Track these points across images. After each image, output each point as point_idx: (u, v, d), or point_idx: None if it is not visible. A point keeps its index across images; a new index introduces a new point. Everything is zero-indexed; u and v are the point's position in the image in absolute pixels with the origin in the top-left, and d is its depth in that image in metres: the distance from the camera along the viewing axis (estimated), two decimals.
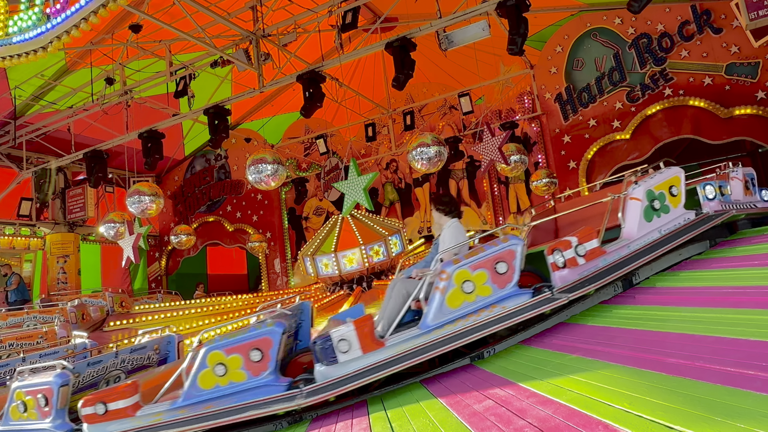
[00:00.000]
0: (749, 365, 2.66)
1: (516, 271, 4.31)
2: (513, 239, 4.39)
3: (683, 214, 5.16)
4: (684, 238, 5.04)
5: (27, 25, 7.07)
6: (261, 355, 4.22)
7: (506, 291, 4.30)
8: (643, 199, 4.94)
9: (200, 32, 9.28)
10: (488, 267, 4.30)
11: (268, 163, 9.70)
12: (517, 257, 4.34)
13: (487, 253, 4.32)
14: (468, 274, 4.28)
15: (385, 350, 4.19)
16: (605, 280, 4.53)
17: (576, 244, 4.50)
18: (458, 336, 4.19)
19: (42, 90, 12.31)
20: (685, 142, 11.58)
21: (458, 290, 4.26)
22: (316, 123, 16.27)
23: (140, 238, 11.30)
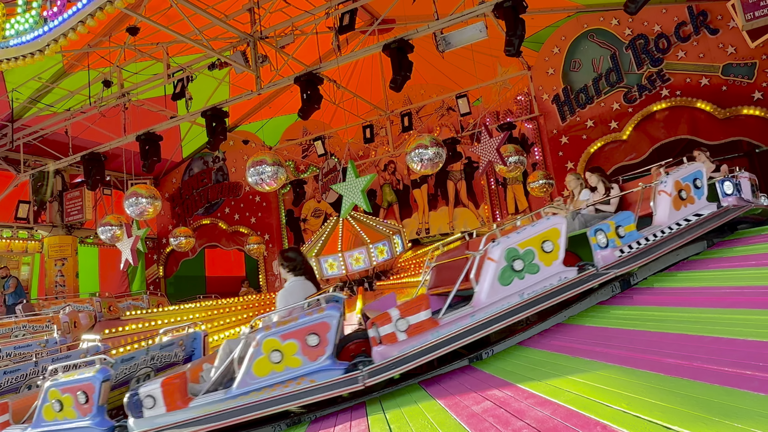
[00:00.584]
0: (747, 365, 2.67)
1: (329, 344, 4.15)
2: (329, 309, 4.23)
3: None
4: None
5: (24, 28, 7.06)
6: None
7: (317, 364, 4.14)
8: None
9: (198, 34, 9.29)
10: (299, 338, 4.19)
11: (268, 164, 9.70)
12: (332, 329, 4.18)
13: (300, 323, 4.22)
14: (277, 344, 4.20)
15: (188, 411, 4.22)
16: (421, 360, 4.15)
17: (397, 318, 4.23)
18: (261, 405, 4.14)
19: (39, 93, 12.29)
20: (683, 142, 11.59)
21: (266, 358, 4.19)
22: (314, 125, 16.27)
23: (138, 240, 11.28)
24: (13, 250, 14.43)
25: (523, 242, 4.54)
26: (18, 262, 14.93)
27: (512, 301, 4.40)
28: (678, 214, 5.30)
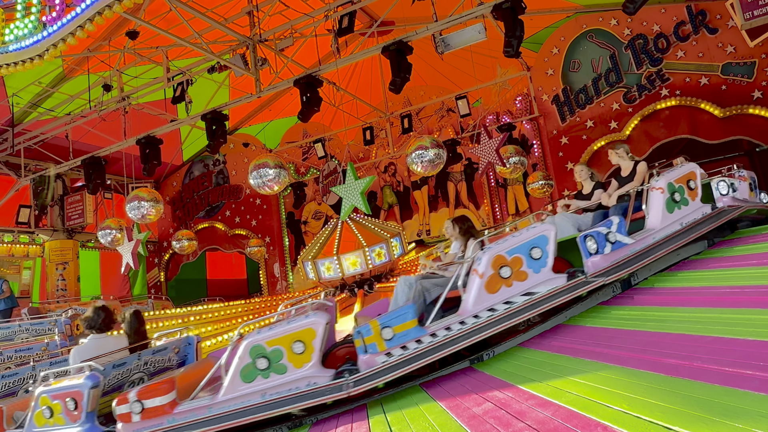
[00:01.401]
0: (747, 365, 2.66)
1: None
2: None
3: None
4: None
5: (23, 33, 7.08)
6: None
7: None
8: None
9: (197, 38, 9.30)
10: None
11: (270, 167, 9.71)
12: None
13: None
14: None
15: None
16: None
17: (133, 400, 4.27)
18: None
19: (39, 97, 12.31)
20: (683, 142, 11.60)
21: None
22: (314, 127, 16.27)
23: (139, 244, 11.29)
24: (14, 254, 14.44)
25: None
26: (19, 266, 14.93)
27: None
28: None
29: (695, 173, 5.33)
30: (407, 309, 4.33)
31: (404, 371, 4.18)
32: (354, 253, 10.54)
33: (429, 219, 15.50)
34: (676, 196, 5.19)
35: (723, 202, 5.63)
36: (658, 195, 5.12)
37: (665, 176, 5.22)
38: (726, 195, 5.68)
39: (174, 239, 15.35)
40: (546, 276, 4.47)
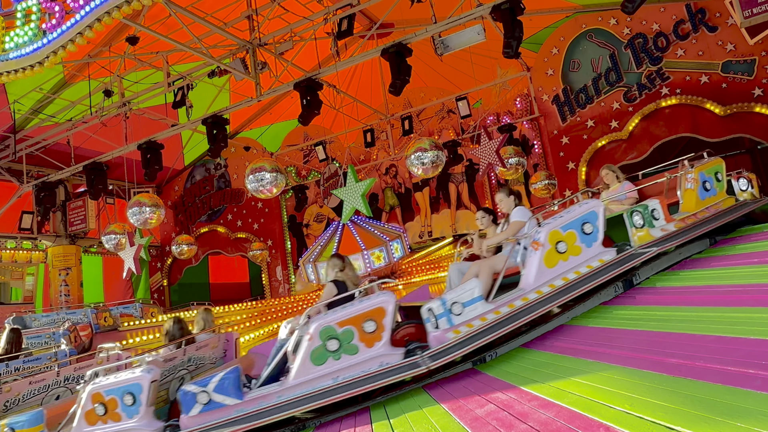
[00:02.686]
0: (750, 364, 2.66)
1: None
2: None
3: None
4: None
5: (23, 40, 7.10)
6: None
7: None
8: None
9: (197, 43, 9.32)
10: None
11: (267, 171, 9.72)
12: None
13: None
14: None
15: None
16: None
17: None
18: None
19: (41, 103, 12.35)
20: (684, 140, 11.58)
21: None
22: (315, 130, 16.30)
23: (141, 249, 11.30)
24: (17, 260, 14.47)
25: None
26: (22, 272, 14.96)
27: None
28: None
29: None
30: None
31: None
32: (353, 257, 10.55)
33: (431, 220, 15.51)
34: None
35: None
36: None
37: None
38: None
39: (173, 244, 15.37)
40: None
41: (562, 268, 4.52)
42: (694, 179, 5.51)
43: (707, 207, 5.52)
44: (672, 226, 5.11)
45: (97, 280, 16.36)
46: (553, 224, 4.57)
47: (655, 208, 5.04)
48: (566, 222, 4.62)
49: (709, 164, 5.74)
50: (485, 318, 4.29)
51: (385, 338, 4.19)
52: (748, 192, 6.06)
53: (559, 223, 4.59)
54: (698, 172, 5.56)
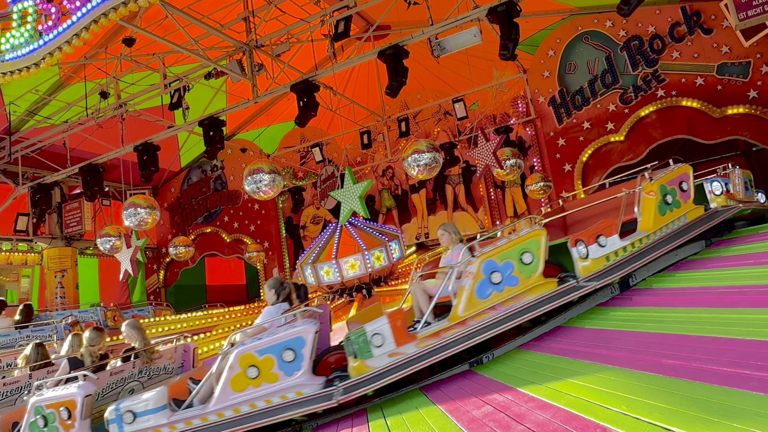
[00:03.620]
0: (745, 365, 2.67)
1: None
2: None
3: None
4: None
5: (19, 42, 7.07)
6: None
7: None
8: None
9: (193, 44, 9.31)
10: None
11: (265, 173, 9.71)
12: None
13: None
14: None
15: None
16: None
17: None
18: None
19: (37, 105, 12.30)
20: (680, 142, 11.63)
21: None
22: (312, 132, 16.29)
23: (138, 251, 11.26)
24: (12, 262, 14.41)
25: None
26: (18, 274, 14.90)
27: None
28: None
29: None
30: None
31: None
32: (353, 257, 10.57)
33: (427, 222, 15.51)
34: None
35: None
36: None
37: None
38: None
39: (171, 246, 15.34)
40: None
41: (250, 393, 4.25)
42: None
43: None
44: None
45: (93, 282, 16.29)
46: (246, 347, 4.32)
47: (378, 333, 4.22)
48: (263, 346, 4.29)
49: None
50: None
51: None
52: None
53: (253, 347, 4.31)
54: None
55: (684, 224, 5.28)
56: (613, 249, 4.83)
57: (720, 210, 5.55)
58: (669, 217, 5.21)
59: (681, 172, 5.46)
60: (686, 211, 5.36)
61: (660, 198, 5.19)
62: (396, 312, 4.36)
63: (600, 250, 4.74)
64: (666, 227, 5.18)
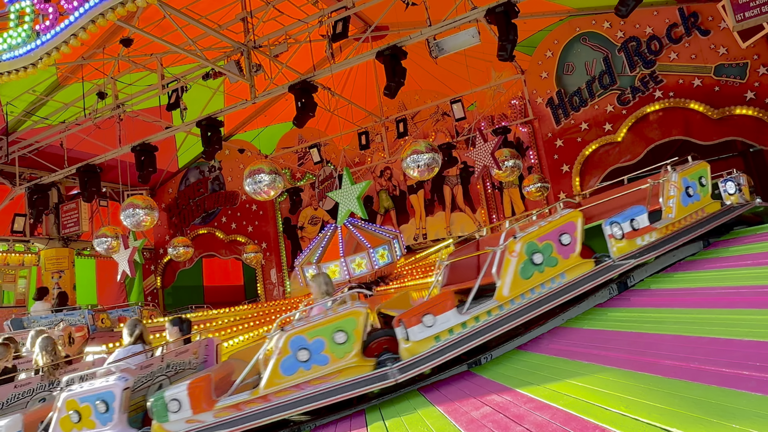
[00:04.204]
0: (744, 365, 2.67)
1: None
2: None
3: None
4: None
5: (16, 42, 7.06)
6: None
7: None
8: None
9: (191, 45, 9.30)
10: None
11: (265, 173, 9.70)
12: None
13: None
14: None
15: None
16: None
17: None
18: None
19: (34, 105, 12.26)
20: (677, 143, 11.64)
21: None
22: (310, 132, 16.28)
23: (135, 251, 11.23)
24: (9, 263, 14.36)
25: None
26: (15, 275, 14.85)
27: None
28: None
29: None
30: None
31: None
32: (360, 255, 10.59)
33: (425, 223, 15.51)
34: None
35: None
36: None
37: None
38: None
39: (170, 246, 15.30)
40: None
41: None
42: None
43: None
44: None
45: (90, 282, 16.25)
46: (71, 393, 4.48)
47: (176, 399, 4.28)
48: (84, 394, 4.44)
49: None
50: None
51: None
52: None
53: (76, 394, 4.45)
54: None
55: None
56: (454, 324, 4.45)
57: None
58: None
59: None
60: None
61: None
62: (199, 379, 4.37)
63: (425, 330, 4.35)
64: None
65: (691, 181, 5.59)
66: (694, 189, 5.58)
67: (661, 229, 5.13)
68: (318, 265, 11.01)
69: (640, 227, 4.98)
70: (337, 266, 10.69)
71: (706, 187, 5.73)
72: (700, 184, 5.67)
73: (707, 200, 5.68)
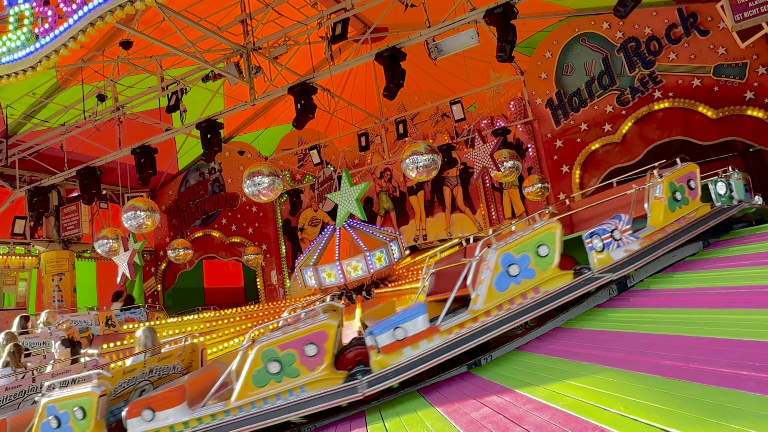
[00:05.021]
0: (743, 365, 2.67)
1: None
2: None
3: None
4: None
5: (16, 45, 7.06)
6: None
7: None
8: None
9: (191, 47, 9.30)
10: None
11: (264, 175, 9.69)
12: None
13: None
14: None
15: None
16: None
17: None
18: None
19: (34, 108, 12.28)
20: (677, 143, 11.65)
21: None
22: (309, 134, 16.29)
23: (135, 254, 11.22)
24: (9, 266, 14.37)
25: None
26: (15, 278, 14.86)
27: None
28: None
29: None
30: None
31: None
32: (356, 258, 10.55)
33: (425, 224, 15.52)
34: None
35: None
36: None
37: None
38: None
39: (169, 248, 15.31)
40: None
41: None
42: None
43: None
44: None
45: (90, 285, 16.26)
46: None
47: None
48: None
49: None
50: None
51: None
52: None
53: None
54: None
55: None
56: None
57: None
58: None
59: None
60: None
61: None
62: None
63: None
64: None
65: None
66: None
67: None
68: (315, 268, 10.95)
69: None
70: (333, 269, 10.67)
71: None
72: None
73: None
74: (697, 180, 5.60)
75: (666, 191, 5.27)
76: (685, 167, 5.60)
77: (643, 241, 4.99)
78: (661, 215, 5.19)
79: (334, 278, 10.81)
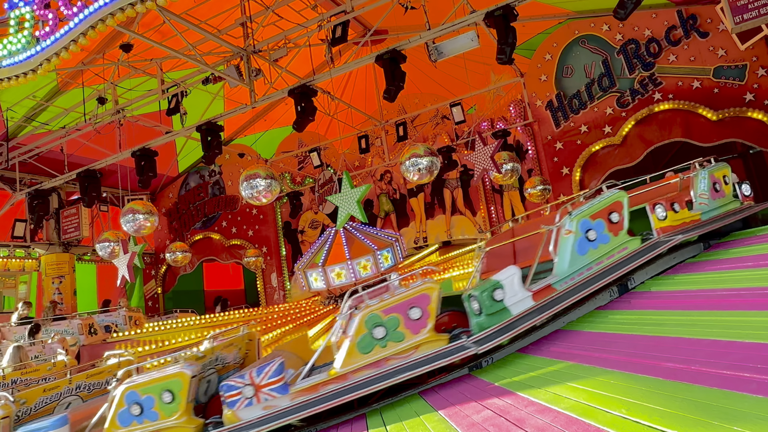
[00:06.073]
0: (745, 367, 2.66)
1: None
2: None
3: None
4: None
5: (16, 48, 7.08)
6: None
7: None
8: None
9: (191, 50, 9.32)
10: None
11: (261, 178, 9.70)
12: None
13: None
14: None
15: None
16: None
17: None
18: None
19: (34, 111, 12.30)
20: (677, 145, 11.65)
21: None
22: (310, 136, 16.30)
23: (135, 256, 11.22)
24: (10, 269, 14.37)
25: None
26: (15, 281, 14.86)
27: None
28: None
29: None
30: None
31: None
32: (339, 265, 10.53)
33: (426, 226, 15.52)
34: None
35: None
36: None
37: None
38: None
39: (167, 251, 15.30)
40: None
41: None
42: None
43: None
44: None
45: (90, 288, 16.25)
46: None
47: None
48: None
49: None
50: None
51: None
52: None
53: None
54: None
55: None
56: None
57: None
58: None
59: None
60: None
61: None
62: None
63: None
64: None
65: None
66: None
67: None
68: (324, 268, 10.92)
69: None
70: (343, 269, 10.65)
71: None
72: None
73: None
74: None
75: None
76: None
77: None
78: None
79: (344, 278, 10.80)
